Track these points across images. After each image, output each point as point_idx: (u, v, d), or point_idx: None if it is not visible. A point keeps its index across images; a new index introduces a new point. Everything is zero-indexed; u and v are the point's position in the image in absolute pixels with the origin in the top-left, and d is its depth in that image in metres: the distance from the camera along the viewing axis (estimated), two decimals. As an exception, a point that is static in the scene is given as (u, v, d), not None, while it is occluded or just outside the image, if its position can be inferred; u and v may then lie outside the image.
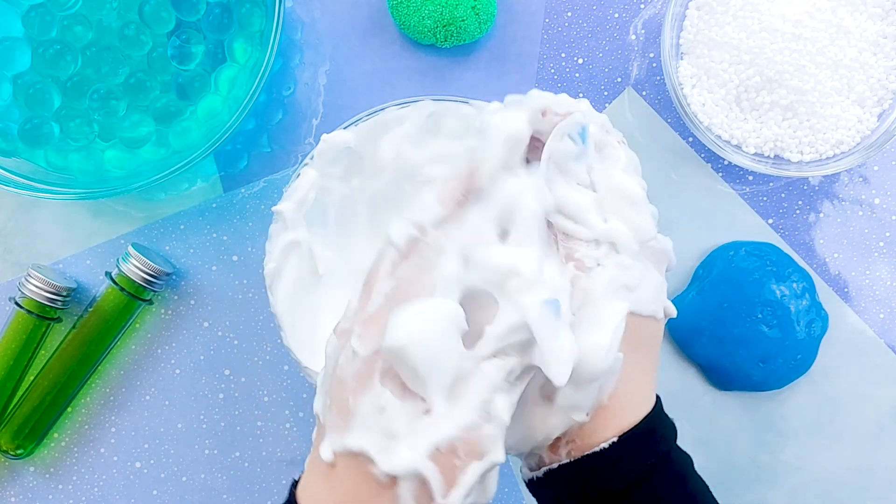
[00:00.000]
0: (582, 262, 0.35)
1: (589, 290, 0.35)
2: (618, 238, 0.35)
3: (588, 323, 0.34)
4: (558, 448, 0.36)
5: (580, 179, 0.36)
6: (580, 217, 0.36)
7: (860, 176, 0.58)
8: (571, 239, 0.36)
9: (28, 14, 0.53)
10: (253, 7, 0.54)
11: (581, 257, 0.35)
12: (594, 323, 0.34)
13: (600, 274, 0.35)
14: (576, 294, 0.35)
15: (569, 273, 0.35)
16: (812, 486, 0.58)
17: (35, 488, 0.59)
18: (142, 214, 0.59)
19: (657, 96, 0.58)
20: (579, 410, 0.35)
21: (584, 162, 0.36)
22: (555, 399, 0.35)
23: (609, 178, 0.36)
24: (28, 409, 0.57)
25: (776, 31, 0.52)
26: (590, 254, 0.35)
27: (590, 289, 0.35)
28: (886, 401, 0.58)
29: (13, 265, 0.59)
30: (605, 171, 0.36)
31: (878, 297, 0.58)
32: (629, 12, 0.58)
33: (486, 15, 0.56)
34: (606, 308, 0.34)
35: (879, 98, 0.54)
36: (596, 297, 0.35)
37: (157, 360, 0.59)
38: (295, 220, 0.50)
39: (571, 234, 0.36)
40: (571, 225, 0.36)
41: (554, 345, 0.33)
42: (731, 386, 0.57)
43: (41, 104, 0.54)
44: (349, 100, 0.59)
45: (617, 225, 0.35)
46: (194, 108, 0.55)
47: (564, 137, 0.36)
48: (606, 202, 0.36)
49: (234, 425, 0.59)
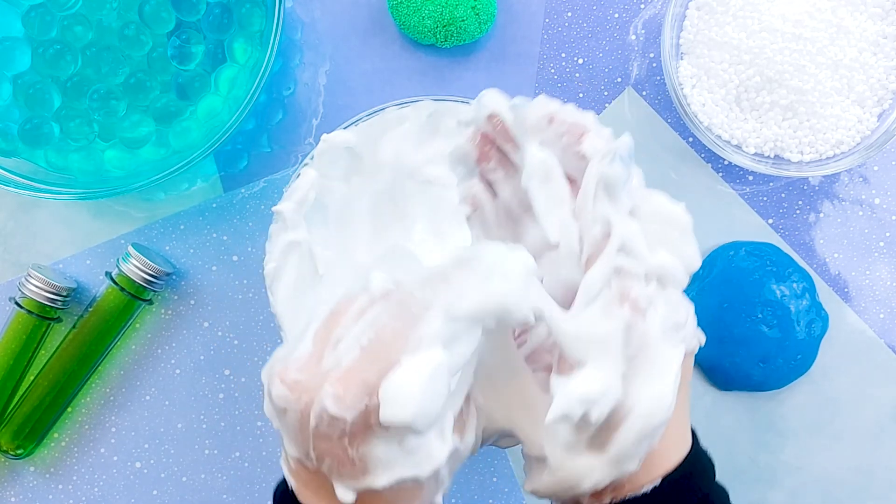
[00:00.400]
0: (637, 302, 0.32)
1: (646, 334, 0.32)
2: (669, 271, 0.33)
3: (647, 372, 0.32)
4: (602, 495, 0.34)
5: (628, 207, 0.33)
6: (635, 250, 0.32)
7: (860, 176, 0.58)
8: (625, 275, 0.32)
9: (28, 14, 0.53)
10: (253, 7, 0.54)
11: (636, 297, 0.32)
12: (653, 372, 0.32)
13: (654, 315, 0.32)
14: (632, 340, 0.31)
15: (624, 316, 0.32)
16: (812, 486, 0.58)
17: (35, 488, 0.59)
18: (142, 214, 0.59)
19: (657, 96, 0.58)
20: (633, 460, 0.33)
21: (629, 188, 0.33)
22: (607, 449, 0.32)
23: (652, 203, 0.34)
24: (28, 409, 0.57)
25: (776, 31, 0.52)
26: (643, 292, 0.32)
27: (647, 333, 0.32)
28: (886, 401, 0.58)
29: (13, 265, 0.59)
30: (647, 196, 0.34)
31: (878, 297, 0.58)
32: (629, 12, 0.58)
33: (486, 15, 0.56)
34: (664, 355, 0.32)
35: (879, 98, 0.54)
36: (652, 343, 0.32)
37: (157, 360, 0.59)
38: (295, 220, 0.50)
39: (626, 270, 0.32)
40: (625, 260, 0.32)
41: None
42: (731, 386, 0.57)
43: (41, 104, 0.54)
44: (349, 100, 0.59)
45: (666, 257, 0.33)
46: (194, 108, 0.55)
47: (615, 160, 0.33)
48: (651, 231, 0.33)
49: (234, 425, 0.59)
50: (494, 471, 0.58)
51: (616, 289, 0.32)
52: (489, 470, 0.58)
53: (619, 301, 0.32)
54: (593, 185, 0.33)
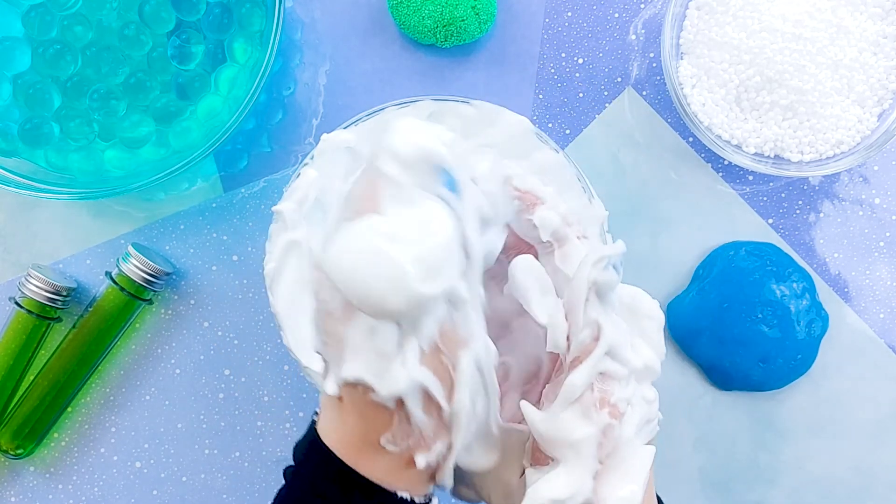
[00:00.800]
0: (617, 407, 0.33)
1: (621, 437, 0.33)
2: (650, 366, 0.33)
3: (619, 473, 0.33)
4: None
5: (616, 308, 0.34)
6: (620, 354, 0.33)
7: (860, 176, 0.58)
8: (608, 380, 0.33)
9: (28, 14, 0.53)
10: (253, 7, 0.54)
11: (616, 402, 0.33)
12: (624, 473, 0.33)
13: (631, 417, 0.33)
14: (606, 444, 0.33)
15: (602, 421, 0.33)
16: (812, 486, 0.58)
17: (35, 488, 0.59)
18: (142, 214, 0.59)
19: (657, 96, 0.58)
20: None
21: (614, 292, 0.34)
22: None
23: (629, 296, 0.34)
24: (28, 409, 0.57)
25: (776, 31, 0.52)
26: (623, 396, 0.33)
27: (621, 436, 0.33)
28: (886, 401, 0.58)
29: (13, 265, 0.59)
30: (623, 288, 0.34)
31: (878, 297, 0.58)
32: (629, 12, 0.58)
33: (486, 15, 0.56)
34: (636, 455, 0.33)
35: (879, 98, 0.54)
36: (625, 444, 0.33)
37: (157, 360, 0.59)
38: (295, 220, 0.50)
39: (610, 373, 0.33)
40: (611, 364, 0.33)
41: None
42: (731, 386, 0.57)
43: (41, 104, 0.54)
44: (349, 100, 0.59)
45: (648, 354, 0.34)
46: (194, 108, 0.55)
47: (608, 267, 0.33)
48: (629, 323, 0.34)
49: (234, 425, 0.59)
50: (494, 471, 0.58)
51: (597, 392, 0.33)
52: (489, 470, 0.58)
53: (598, 405, 0.33)
54: (585, 289, 0.34)
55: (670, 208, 0.58)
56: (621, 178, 0.58)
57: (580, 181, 0.51)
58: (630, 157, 0.58)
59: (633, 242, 0.58)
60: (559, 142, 0.58)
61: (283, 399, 0.59)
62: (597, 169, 0.58)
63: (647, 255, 0.58)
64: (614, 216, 0.57)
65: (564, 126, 0.58)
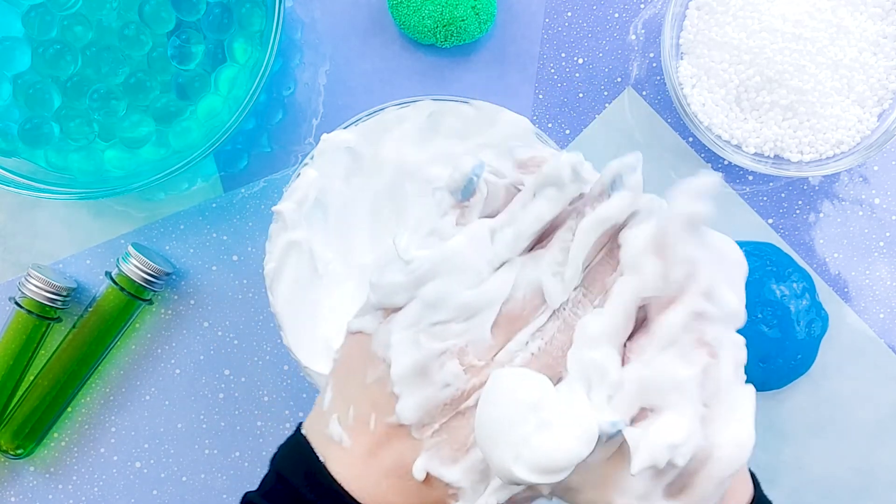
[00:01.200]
0: (712, 346, 0.32)
1: (720, 378, 0.32)
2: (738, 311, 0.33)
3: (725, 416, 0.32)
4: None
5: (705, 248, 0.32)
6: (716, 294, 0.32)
7: (860, 176, 0.58)
8: (703, 321, 0.32)
9: (28, 14, 0.53)
10: (253, 7, 0.54)
11: (711, 340, 0.32)
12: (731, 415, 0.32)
13: (726, 357, 0.32)
14: (708, 385, 0.32)
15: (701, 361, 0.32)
16: (812, 486, 0.58)
17: (35, 488, 0.59)
18: (142, 214, 0.59)
19: (657, 96, 0.58)
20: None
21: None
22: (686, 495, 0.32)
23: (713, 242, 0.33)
24: (28, 409, 0.57)
25: (776, 31, 0.52)
26: (718, 335, 0.32)
27: (720, 377, 0.32)
28: (886, 401, 0.58)
29: (13, 265, 0.59)
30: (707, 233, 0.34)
31: (878, 297, 0.58)
32: (629, 12, 0.58)
33: (486, 15, 0.56)
34: (739, 396, 0.32)
35: (879, 98, 0.54)
36: (726, 386, 0.32)
37: (157, 360, 0.59)
38: (295, 220, 0.50)
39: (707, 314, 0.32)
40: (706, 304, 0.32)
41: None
42: (731, 386, 0.57)
43: (41, 104, 0.54)
44: (349, 100, 0.59)
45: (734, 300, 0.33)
46: (194, 108, 0.55)
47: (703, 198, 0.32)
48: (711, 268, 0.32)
49: (234, 425, 0.59)
50: (494, 471, 0.58)
51: (695, 333, 0.32)
52: (489, 470, 0.58)
53: (696, 345, 0.32)
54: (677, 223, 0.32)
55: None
56: (621, 178, 0.58)
57: (580, 181, 0.51)
58: (630, 157, 0.58)
59: (633, 242, 0.58)
60: (559, 142, 0.58)
61: (283, 399, 0.59)
62: (597, 169, 0.58)
63: (647, 255, 0.58)
64: (614, 216, 0.57)
65: (564, 126, 0.58)
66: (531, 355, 0.34)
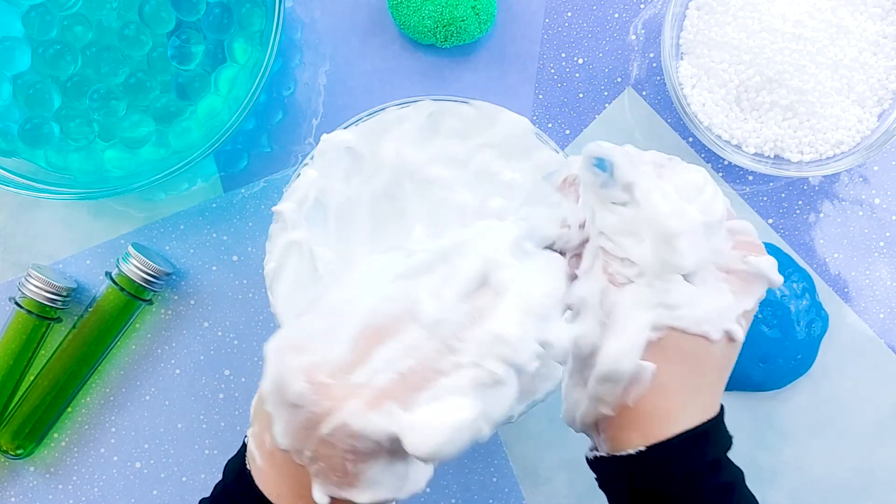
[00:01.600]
0: (614, 277, 0.37)
1: (616, 302, 0.37)
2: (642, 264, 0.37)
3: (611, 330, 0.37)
4: (599, 437, 0.39)
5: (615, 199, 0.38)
6: (615, 239, 0.37)
7: (860, 176, 0.58)
8: (608, 255, 0.38)
9: (28, 14, 0.53)
10: (253, 7, 0.54)
11: (613, 272, 0.37)
12: (615, 330, 0.37)
13: (628, 290, 0.37)
14: (605, 303, 0.37)
15: (601, 282, 0.38)
16: (812, 486, 0.58)
17: (35, 488, 0.59)
18: (142, 214, 0.59)
19: (657, 96, 0.58)
20: (603, 404, 0.37)
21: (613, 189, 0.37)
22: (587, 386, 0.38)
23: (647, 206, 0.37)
24: (28, 409, 0.57)
25: (776, 31, 0.52)
26: (620, 271, 0.37)
27: (616, 302, 0.37)
28: (886, 401, 0.58)
29: (13, 265, 0.59)
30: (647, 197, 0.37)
31: (878, 297, 0.58)
32: (629, 12, 0.58)
33: (486, 15, 0.56)
34: (629, 318, 0.37)
35: (879, 98, 0.54)
36: (622, 309, 0.37)
37: (157, 360, 0.59)
38: (295, 220, 0.50)
39: (611, 252, 0.38)
40: (605, 241, 0.38)
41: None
42: (731, 386, 0.57)
43: (41, 104, 0.54)
44: (349, 100, 0.59)
45: (642, 252, 0.37)
46: (194, 108, 0.55)
47: (589, 167, 0.37)
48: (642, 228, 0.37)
49: (234, 425, 0.59)
50: (494, 471, 0.58)
51: (602, 262, 0.38)
52: (489, 470, 0.58)
53: (601, 271, 0.38)
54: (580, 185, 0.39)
55: (670, 208, 0.58)
56: (621, 178, 0.58)
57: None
58: (630, 157, 0.58)
59: (633, 242, 0.58)
60: (559, 142, 0.58)
61: (283, 399, 0.59)
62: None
63: (647, 255, 0.58)
64: (614, 216, 0.57)
65: (564, 126, 0.58)
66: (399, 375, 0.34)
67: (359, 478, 0.34)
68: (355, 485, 0.34)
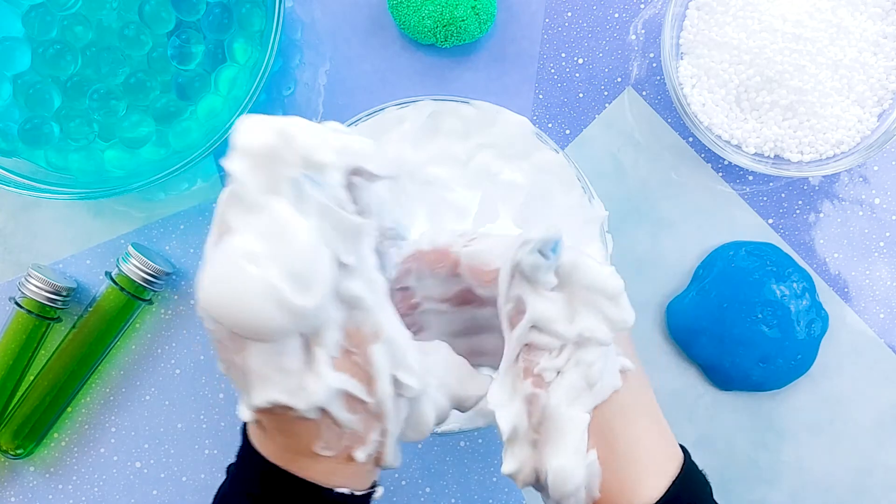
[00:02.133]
0: (541, 377, 0.34)
1: (547, 406, 0.34)
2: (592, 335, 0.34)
3: (551, 442, 0.34)
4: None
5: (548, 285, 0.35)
6: (550, 328, 0.34)
7: (860, 176, 0.58)
8: (535, 351, 0.35)
9: (28, 14, 0.53)
10: (253, 7, 0.54)
11: (540, 371, 0.34)
12: (556, 442, 0.34)
13: (558, 385, 0.34)
14: (534, 412, 0.34)
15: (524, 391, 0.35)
16: (812, 486, 0.58)
17: (35, 488, 0.59)
18: (142, 214, 0.59)
19: (657, 96, 0.58)
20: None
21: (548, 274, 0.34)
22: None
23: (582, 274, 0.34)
24: (28, 409, 0.57)
25: (776, 31, 0.52)
26: (550, 365, 0.34)
27: (548, 405, 0.34)
28: (886, 401, 0.58)
29: (13, 265, 0.59)
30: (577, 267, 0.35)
31: (878, 297, 0.58)
32: (629, 12, 0.58)
33: (486, 15, 0.56)
34: (566, 423, 0.34)
35: (879, 98, 0.54)
36: (554, 412, 0.34)
37: (157, 360, 0.59)
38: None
39: (539, 346, 0.35)
40: (539, 336, 0.34)
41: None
42: (731, 386, 0.57)
43: (41, 104, 0.54)
44: (349, 100, 0.59)
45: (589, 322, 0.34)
46: (194, 108, 0.55)
47: (535, 252, 0.34)
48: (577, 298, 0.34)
49: (234, 425, 0.59)
50: (494, 471, 0.58)
51: (522, 363, 0.35)
52: (489, 470, 0.58)
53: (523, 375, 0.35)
54: (509, 268, 0.35)
55: (670, 208, 0.58)
56: (621, 178, 0.58)
57: (580, 181, 0.51)
58: (630, 157, 0.58)
59: (634, 242, 0.58)
60: (559, 142, 0.58)
61: (283, 399, 0.59)
62: (597, 169, 0.58)
63: (647, 255, 0.58)
64: (614, 216, 0.57)
65: (564, 126, 0.58)
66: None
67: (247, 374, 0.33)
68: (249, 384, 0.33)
